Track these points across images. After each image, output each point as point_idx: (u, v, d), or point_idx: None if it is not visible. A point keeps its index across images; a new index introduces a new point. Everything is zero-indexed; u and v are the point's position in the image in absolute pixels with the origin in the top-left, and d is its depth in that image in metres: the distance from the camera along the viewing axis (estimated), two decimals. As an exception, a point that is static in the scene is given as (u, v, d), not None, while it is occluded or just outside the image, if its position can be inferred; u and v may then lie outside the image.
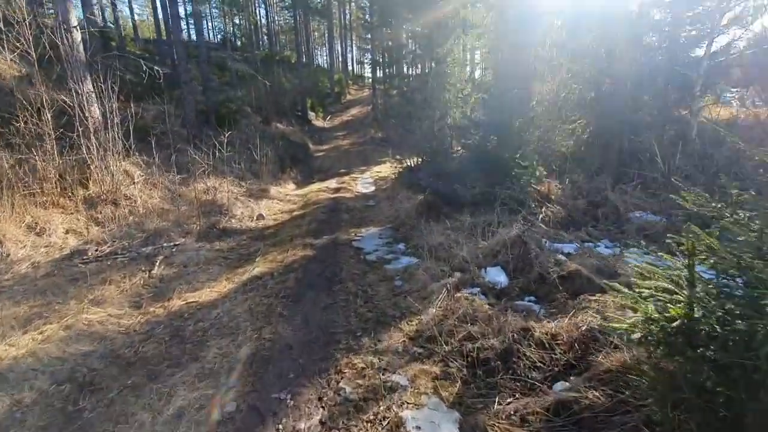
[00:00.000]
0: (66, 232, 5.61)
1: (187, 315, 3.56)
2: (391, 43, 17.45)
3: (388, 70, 18.51)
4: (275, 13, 28.81)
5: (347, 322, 3.15)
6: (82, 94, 6.30)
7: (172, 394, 2.40)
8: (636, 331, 1.54)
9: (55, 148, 5.95)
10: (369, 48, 20.34)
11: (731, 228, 1.50)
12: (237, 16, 24.81)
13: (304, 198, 9.19)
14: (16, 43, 5.74)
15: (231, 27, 25.79)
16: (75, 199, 6.07)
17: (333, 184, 10.52)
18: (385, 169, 11.80)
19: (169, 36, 13.69)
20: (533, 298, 3.18)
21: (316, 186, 10.49)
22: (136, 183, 6.80)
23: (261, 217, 7.47)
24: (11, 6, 5.81)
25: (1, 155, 5.38)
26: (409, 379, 2.31)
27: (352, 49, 35.84)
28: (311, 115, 20.24)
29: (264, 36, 27.12)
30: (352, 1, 31.12)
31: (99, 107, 6.60)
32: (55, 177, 5.93)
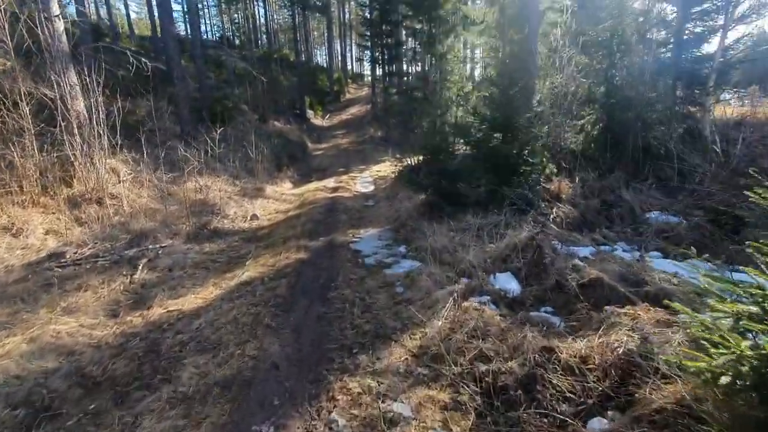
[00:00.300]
0: (46, 233, 5.27)
1: (167, 325, 3.23)
2: (390, 40, 17.13)
3: (388, 68, 18.17)
4: (274, 11, 28.45)
5: (342, 335, 2.81)
6: (65, 86, 5.96)
7: (138, 424, 2.07)
8: (724, 373, 1.20)
9: (35, 144, 5.62)
10: (368, 46, 19.97)
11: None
12: (236, 13, 24.45)
13: (300, 197, 8.85)
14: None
15: (230, 25, 25.42)
16: (57, 198, 5.73)
17: (331, 183, 10.19)
18: (385, 168, 11.47)
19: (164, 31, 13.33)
20: (550, 309, 2.84)
21: (313, 185, 10.16)
22: (123, 181, 6.46)
23: (255, 217, 7.13)
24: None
25: (-27, 151, 5.05)
26: (413, 408, 1.98)
27: (351, 47, 35.43)
28: (310, 113, 19.91)
29: (263, 34, 26.77)
30: (352, -2, 30.78)
31: (84, 101, 6.27)
32: (35, 174, 5.60)
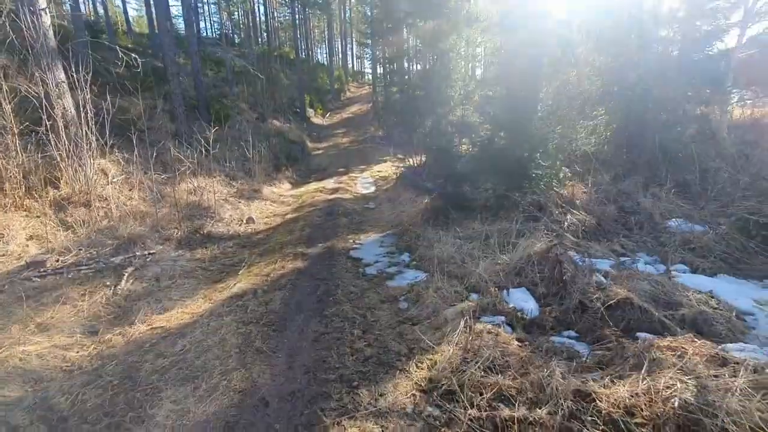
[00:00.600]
0: (29, 239, 4.98)
1: (149, 346, 2.94)
2: (392, 38, 16.79)
3: (389, 66, 17.83)
4: (274, 8, 28.10)
5: (341, 362, 2.51)
6: (51, 84, 5.66)
7: (101, 476, 1.78)
8: None
9: (18, 144, 5.33)
10: (369, 44, 19.65)
11: None
12: (236, 11, 24.13)
13: (299, 199, 8.56)
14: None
15: (229, 23, 25.08)
16: (42, 200, 5.44)
17: (331, 184, 9.90)
18: (386, 168, 11.18)
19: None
20: (574, 334, 2.54)
21: (313, 186, 9.87)
22: (113, 183, 6.17)
23: (251, 220, 6.83)
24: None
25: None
26: (424, 464, 1.69)
27: (352, 45, 35.07)
28: (310, 112, 19.60)
29: (263, 32, 26.43)
30: (353, -5, 30.38)
31: (72, 99, 5.96)
32: (18, 176, 5.31)
